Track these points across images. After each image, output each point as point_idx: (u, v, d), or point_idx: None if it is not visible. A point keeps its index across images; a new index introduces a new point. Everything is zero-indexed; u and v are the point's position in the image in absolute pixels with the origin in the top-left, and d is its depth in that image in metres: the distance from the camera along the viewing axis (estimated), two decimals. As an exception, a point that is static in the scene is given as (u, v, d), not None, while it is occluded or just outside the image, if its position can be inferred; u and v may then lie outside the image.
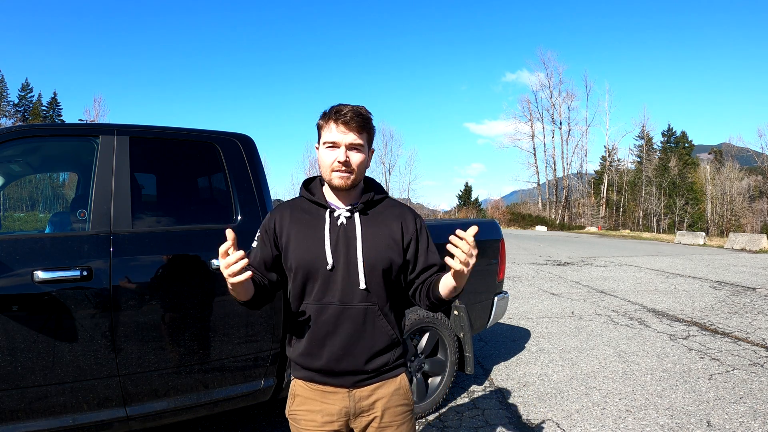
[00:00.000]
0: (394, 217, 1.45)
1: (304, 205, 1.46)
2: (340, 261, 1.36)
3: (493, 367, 4.29)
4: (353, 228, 1.39)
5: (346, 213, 1.40)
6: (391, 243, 1.40)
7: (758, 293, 8.21)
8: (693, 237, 24.57)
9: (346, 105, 1.37)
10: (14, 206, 4.13)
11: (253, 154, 2.66)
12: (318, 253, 1.36)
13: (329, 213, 1.41)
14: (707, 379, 3.90)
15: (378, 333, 1.38)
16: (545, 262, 13.58)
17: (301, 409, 1.41)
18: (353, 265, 1.35)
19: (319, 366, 1.37)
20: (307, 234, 1.39)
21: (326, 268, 1.35)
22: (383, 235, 1.40)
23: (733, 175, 49.47)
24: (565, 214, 57.87)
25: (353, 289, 1.35)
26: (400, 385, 1.44)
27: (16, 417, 1.95)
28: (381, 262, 1.37)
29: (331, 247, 1.36)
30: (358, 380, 1.39)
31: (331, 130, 1.35)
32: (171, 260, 2.27)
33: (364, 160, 1.38)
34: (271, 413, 3.23)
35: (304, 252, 1.37)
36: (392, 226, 1.43)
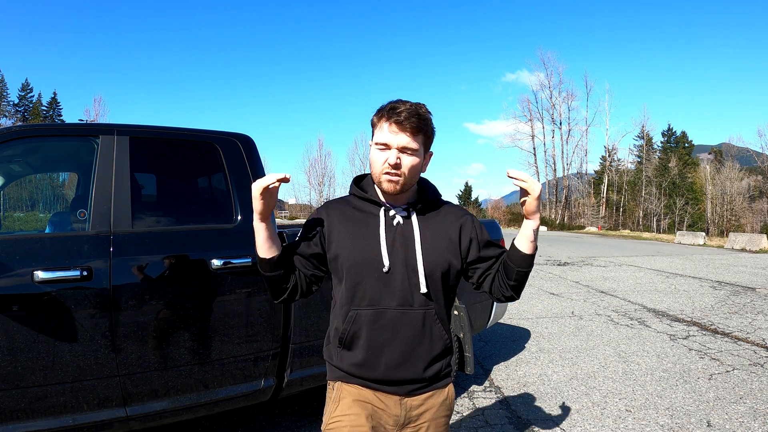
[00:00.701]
0: (452, 219, 1.38)
1: (356, 202, 1.38)
2: (397, 263, 1.28)
3: (493, 367, 4.29)
4: (411, 229, 1.32)
5: (402, 212, 1.34)
6: (450, 246, 1.34)
7: (758, 293, 8.21)
8: (693, 237, 24.56)
9: (404, 102, 1.27)
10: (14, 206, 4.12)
11: (253, 154, 2.66)
12: (373, 253, 1.28)
13: (384, 211, 1.33)
14: (707, 379, 3.90)
15: (436, 338, 1.32)
16: (545, 262, 13.58)
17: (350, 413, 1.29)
18: (412, 268, 1.28)
19: (375, 377, 1.29)
20: (361, 233, 1.31)
21: (382, 271, 1.27)
22: (441, 237, 1.34)
23: (733, 175, 49.47)
24: (565, 214, 57.86)
25: (413, 292, 1.28)
26: (448, 396, 1.39)
27: (16, 417, 1.95)
28: (440, 265, 1.31)
29: (388, 248, 1.29)
30: (413, 388, 1.32)
31: (383, 130, 1.27)
32: (171, 260, 2.27)
33: (417, 164, 1.29)
34: (271, 413, 3.23)
35: (358, 252, 1.29)
36: (450, 228, 1.36)
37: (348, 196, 1.43)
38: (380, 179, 1.29)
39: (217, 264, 2.33)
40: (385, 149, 1.27)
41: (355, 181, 1.43)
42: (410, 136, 1.25)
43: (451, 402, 1.41)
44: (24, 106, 54.85)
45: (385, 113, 1.26)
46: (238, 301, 2.40)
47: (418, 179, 1.37)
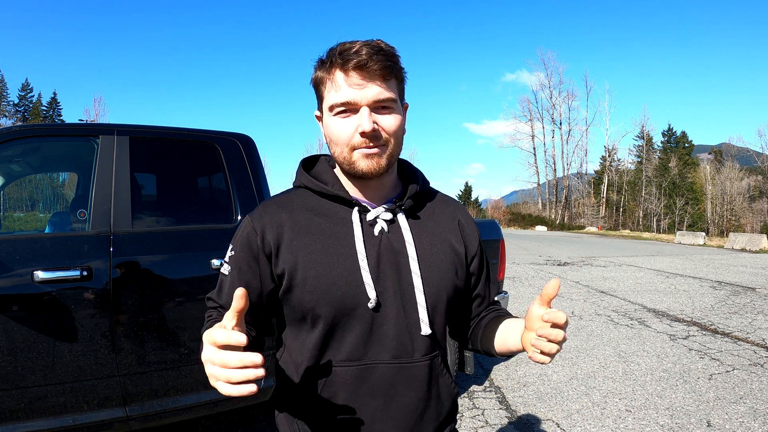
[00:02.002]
0: (449, 218, 0.99)
1: (311, 202, 0.92)
2: (388, 293, 0.88)
3: (493, 367, 4.28)
4: (400, 238, 0.90)
5: (385, 214, 0.91)
6: (456, 260, 0.95)
7: (758, 293, 8.21)
8: (693, 237, 24.57)
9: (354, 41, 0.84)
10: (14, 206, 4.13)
11: (253, 154, 2.66)
12: (351, 283, 0.86)
13: (359, 214, 0.90)
14: (707, 379, 3.90)
15: (444, 395, 0.95)
16: (545, 262, 13.58)
17: None
18: (410, 300, 0.88)
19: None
20: (329, 252, 0.87)
21: (367, 306, 0.86)
22: (442, 248, 0.94)
23: (733, 175, 49.48)
24: (565, 214, 57.88)
25: (413, 335, 0.89)
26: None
27: (16, 417, 1.95)
28: (446, 291, 0.91)
29: (372, 272, 0.87)
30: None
31: (338, 85, 0.83)
32: (171, 260, 2.27)
33: (401, 123, 0.88)
34: (271, 413, 3.23)
35: (328, 284, 0.85)
36: (450, 233, 0.97)
37: (292, 192, 0.96)
38: (351, 159, 0.86)
39: (217, 264, 2.33)
40: (349, 112, 0.84)
41: (304, 167, 0.98)
42: (381, 82, 0.83)
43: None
44: (24, 106, 54.85)
45: (336, 59, 0.83)
46: (238, 301, 2.40)
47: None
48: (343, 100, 0.83)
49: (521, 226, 54.32)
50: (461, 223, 1.00)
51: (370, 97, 0.83)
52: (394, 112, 0.86)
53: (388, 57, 0.84)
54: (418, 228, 0.93)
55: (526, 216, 58.64)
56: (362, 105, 0.83)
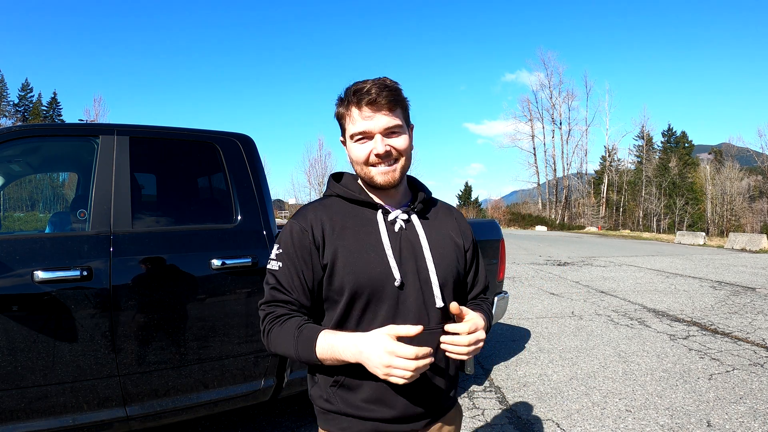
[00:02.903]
0: (451, 220, 1.25)
1: (343, 207, 1.16)
2: (409, 276, 1.10)
3: (493, 367, 4.29)
4: (415, 233, 1.14)
5: (402, 215, 1.15)
6: (456, 250, 1.20)
7: (758, 293, 8.21)
8: (693, 237, 24.56)
9: (365, 81, 1.08)
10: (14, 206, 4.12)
11: (253, 154, 2.66)
12: (381, 267, 1.08)
13: (382, 215, 1.14)
14: (707, 379, 3.90)
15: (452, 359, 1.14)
16: (545, 262, 13.58)
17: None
18: (425, 280, 1.11)
19: (392, 415, 1.08)
20: (361, 245, 1.09)
21: (394, 286, 1.08)
22: (447, 242, 1.19)
23: (733, 175, 49.48)
24: (565, 214, 57.89)
25: (429, 309, 1.11)
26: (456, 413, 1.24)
27: (16, 417, 1.95)
28: (452, 273, 1.16)
29: (396, 258, 1.09)
30: (431, 420, 1.15)
31: (355, 118, 1.08)
32: (171, 260, 2.27)
33: (408, 143, 1.12)
34: (271, 413, 3.23)
35: (362, 267, 1.07)
36: (451, 232, 1.22)
37: (326, 199, 1.20)
38: (371, 174, 1.10)
39: (216, 264, 2.33)
40: (366, 139, 1.08)
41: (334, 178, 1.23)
42: (389, 112, 1.07)
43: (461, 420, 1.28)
44: (24, 106, 54.85)
45: (352, 98, 1.07)
46: (238, 301, 2.40)
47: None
48: (360, 130, 1.08)
49: (521, 226, 54.32)
50: (458, 222, 1.26)
51: (381, 126, 1.07)
52: (402, 135, 1.11)
53: (392, 92, 1.07)
54: (428, 225, 1.18)
55: (526, 216, 58.63)
56: (375, 133, 1.07)
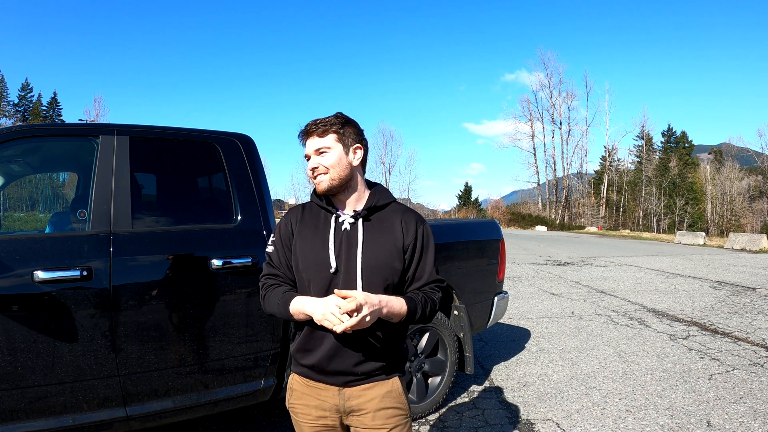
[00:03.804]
0: (397, 221, 1.47)
1: (314, 209, 1.52)
2: (341, 265, 1.39)
3: (493, 367, 4.29)
4: (356, 233, 1.43)
5: (350, 218, 1.45)
6: (393, 248, 1.43)
7: (758, 293, 8.21)
8: (693, 237, 24.57)
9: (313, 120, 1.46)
10: (14, 206, 4.12)
11: (253, 154, 2.66)
12: (323, 255, 1.40)
13: (335, 218, 1.46)
14: (707, 379, 3.90)
15: (370, 338, 1.40)
16: (545, 262, 13.58)
17: (298, 403, 1.48)
18: (353, 270, 1.39)
19: (311, 363, 1.43)
20: (314, 237, 1.44)
21: (329, 271, 1.39)
22: (385, 240, 1.43)
23: (733, 175, 49.47)
24: (565, 214, 57.88)
25: None
26: (393, 388, 1.45)
27: (16, 417, 1.95)
28: (381, 267, 1.40)
29: (335, 251, 1.40)
30: (348, 380, 1.42)
31: (303, 145, 1.47)
32: (171, 260, 2.27)
33: (336, 159, 1.42)
34: (271, 413, 3.23)
35: (310, 254, 1.42)
36: (395, 230, 1.45)
37: (307, 203, 1.58)
38: (315, 185, 1.46)
39: (217, 264, 2.33)
40: (308, 159, 1.45)
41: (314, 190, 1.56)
42: (318, 137, 1.42)
43: (399, 395, 1.46)
44: (24, 106, 54.80)
45: (300, 134, 1.47)
46: (238, 301, 2.40)
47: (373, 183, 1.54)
48: (305, 153, 1.47)
49: (521, 226, 54.29)
50: (405, 224, 1.47)
51: (312, 148, 1.44)
52: (329, 153, 1.42)
53: (322, 124, 1.42)
54: (371, 228, 1.45)
55: (526, 216, 58.59)
56: (310, 154, 1.44)
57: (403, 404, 1.47)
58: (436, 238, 1.59)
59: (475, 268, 3.64)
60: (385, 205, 1.50)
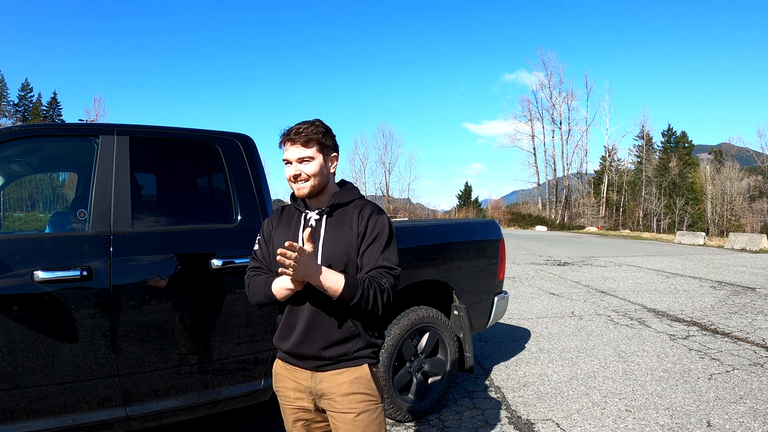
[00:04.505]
0: (354, 216, 1.57)
1: (291, 210, 1.67)
2: None
3: (493, 367, 4.29)
4: (319, 229, 1.55)
5: (315, 216, 1.57)
6: (350, 240, 1.53)
7: (758, 293, 8.21)
8: (693, 237, 24.57)
9: (298, 124, 1.53)
10: (14, 206, 4.12)
11: (253, 154, 2.66)
12: None
13: (304, 216, 1.60)
14: (707, 379, 3.90)
15: (336, 324, 1.51)
16: (545, 262, 13.58)
17: (280, 386, 1.62)
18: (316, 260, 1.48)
19: (286, 349, 1.56)
20: (286, 234, 1.59)
21: None
22: (344, 233, 1.54)
23: (733, 175, 49.47)
24: (565, 214, 57.87)
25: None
26: (361, 374, 1.54)
27: (16, 417, 1.95)
28: (339, 259, 1.51)
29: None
30: (318, 365, 1.53)
31: (285, 149, 1.54)
32: (171, 260, 2.27)
33: (317, 168, 1.52)
34: (271, 413, 3.23)
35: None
36: (352, 223, 1.56)
37: (287, 205, 1.72)
38: (293, 189, 1.56)
39: (217, 264, 2.33)
40: (289, 164, 1.53)
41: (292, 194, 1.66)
42: (302, 147, 1.50)
43: (368, 381, 1.54)
44: (24, 106, 54.79)
45: (283, 136, 1.54)
46: (238, 301, 2.40)
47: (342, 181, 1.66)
48: (284, 158, 1.54)
49: (521, 226, 54.27)
50: (361, 216, 1.56)
51: (295, 156, 1.51)
52: (311, 163, 1.52)
53: (306, 133, 1.50)
54: (332, 223, 1.57)
55: (526, 216, 58.57)
56: (293, 161, 1.52)
57: (372, 390, 1.55)
58: (436, 238, 1.61)
59: (475, 268, 3.64)
60: (349, 202, 1.60)
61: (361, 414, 1.51)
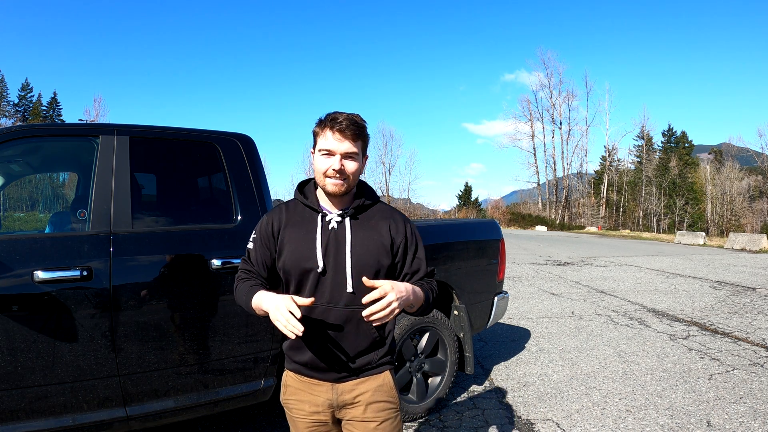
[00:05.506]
0: (384, 221, 1.49)
1: (299, 208, 1.51)
2: (330, 264, 1.41)
3: (493, 367, 4.28)
4: (343, 232, 1.44)
5: (337, 218, 1.45)
6: (380, 246, 1.45)
7: (758, 293, 8.21)
8: (693, 237, 24.56)
9: (342, 113, 1.40)
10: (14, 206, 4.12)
11: (253, 154, 2.66)
12: (310, 255, 1.41)
13: (321, 217, 1.46)
14: (707, 379, 3.90)
15: (362, 334, 1.44)
16: (545, 262, 13.58)
17: (292, 398, 1.50)
18: (342, 269, 1.41)
19: (304, 360, 1.45)
20: (300, 237, 1.44)
21: (317, 271, 1.40)
22: (372, 238, 1.45)
23: (733, 175, 49.45)
24: (565, 214, 57.86)
25: (341, 291, 1.41)
26: (384, 382, 1.48)
27: (16, 417, 1.95)
28: (369, 266, 1.42)
29: (322, 251, 1.41)
30: (340, 376, 1.45)
31: (326, 138, 1.39)
32: (171, 260, 2.27)
33: (358, 168, 1.42)
34: (271, 413, 3.23)
35: (297, 255, 1.42)
36: (381, 229, 1.47)
37: (291, 201, 1.55)
38: (324, 183, 1.41)
39: (217, 264, 2.33)
40: (329, 155, 1.39)
41: (298, 187, 1.55)
42: (351, 142, 1.38)
43: (390, 388, 1.49)
44: (24, 106, 54.78)
45: (328, 123, 1.39)
46: (238, 301, 2.40)
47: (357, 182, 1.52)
48: (327, 148, 1.39)
49: (521, 226, 54.27)
50: (394, 223, 1.51)
51: (343, 149, 1.38)
52: (355, 161, 1.41)
53: (358, 128, 1.40)
54: (358, 226, 1.46)
55: (526, 216, 58.57)
56: (337, 153, 1.38)
57: (394, 398, 1.50)
58: (436, 238, 1.62)
59: (475, 268, 3.64)
60: (371, 205, 1.52)
61: (384, 422, 1.46)
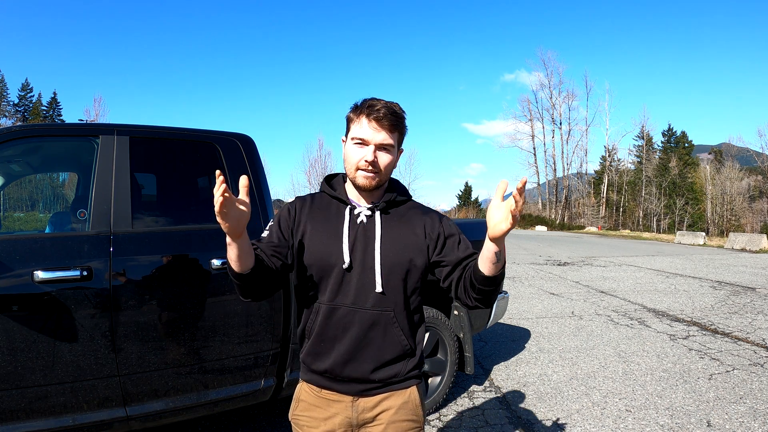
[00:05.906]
0: (417, 219, 1.36)
1: (325, 200, 1.38)
2: (356, 261, 1.28)
3: (493, 367, 4.28)
4: (373, 227, 1.30)
5: (366, 211, 1.32)
6: (413, 245, 1.32)
7: (758, 293, 8.21)
8: (693, 237, 24.56)
9: (380, 100, 1.28)
10: (14, 206, 4.12)
11: (253, 154, 2.66)
12: (335, 250, 1.28)
13: (349, 210, 1.33)
14: (707, 379, 3.90)
15: (389, 341, 1.29)
16: (545, 262, 13.58)
17: (305, 415, 1.34)
18: (370, 267, 1.27)
19: (323, 368, 1.30)
20: (325, 229, 1.31)
21: (342, 267, 1.26)
22: (405, 236, 1.32)
23: (733, 175, 49.46)
24: (565, 214, 57.86)
25: (368, 291, 1.27)
26: (410, 399, 1.34)
27: (16, 417, 1.95)
28: (400, 265, 1.29)
29: (350, 246, 1.28)
30: (363, 389, 1.30)
31: (362, 126, 1.26)
32: (171, 260, 2.27)
33: (392, 161, 1.29)
34: (271, 413, 3.23)
35: (321, 248, 1.29)
36: (415, 227, 1.34)
37: (317, 193, 1.44)
38: (355, 175, 1.28)
39: (217, 264, 2.33)
40: (363, 145, 1.26)
41: (326, 179, 1.44)
42: (388, 132, 1.26)
43: (416, 406, 1.35)
44: (24, 106, 54.79)
45: (364, 109, 1.26)
46: (238, 301, 2.40)
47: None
48: (361, 137, 1.26)
49: (521, 226, 54.24)
50: (426, 221, 1.36)
51: (378, 140, 1.26)
52: (390, 154, 1.29)
53: (397, 118, 1.27)
54: (389, 222, 1.33)
55: (526, 216, 58.57)
56: (372, 143, 1.26)
57: (419, 416, 1.36)
58: None
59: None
60: (403, 202, 1.39)
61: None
